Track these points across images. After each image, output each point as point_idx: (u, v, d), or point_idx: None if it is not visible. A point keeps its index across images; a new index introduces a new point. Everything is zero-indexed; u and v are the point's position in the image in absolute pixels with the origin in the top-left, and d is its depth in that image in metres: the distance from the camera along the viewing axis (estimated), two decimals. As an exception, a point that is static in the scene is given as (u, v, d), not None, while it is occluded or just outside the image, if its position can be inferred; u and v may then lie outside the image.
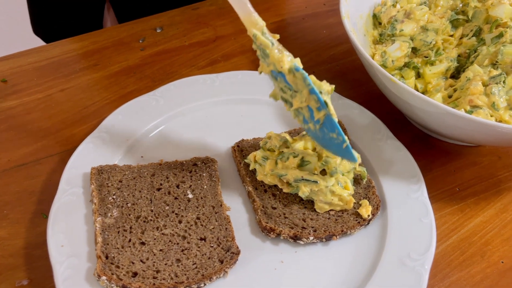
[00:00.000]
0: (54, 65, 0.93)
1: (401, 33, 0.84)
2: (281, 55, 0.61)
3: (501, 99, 0.70)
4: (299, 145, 0.70)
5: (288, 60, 0.61)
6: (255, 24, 0.61)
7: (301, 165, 0.69)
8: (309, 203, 0.71)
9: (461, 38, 0.84)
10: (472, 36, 0.82)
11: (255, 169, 0.73)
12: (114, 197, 0.68)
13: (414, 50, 0.83)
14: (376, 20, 0.90)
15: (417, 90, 0.79)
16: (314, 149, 0.71)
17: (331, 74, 0.95)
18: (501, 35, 0.76)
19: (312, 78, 0.62)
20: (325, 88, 0.62)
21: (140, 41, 0.99)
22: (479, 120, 0.64)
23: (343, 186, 0.69)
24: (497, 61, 0.74)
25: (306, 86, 0.61)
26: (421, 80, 0.83)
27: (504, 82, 0.71)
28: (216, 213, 0.69)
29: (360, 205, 0.70)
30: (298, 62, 0.62)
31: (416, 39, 0.83)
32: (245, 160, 0.74)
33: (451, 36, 0.84)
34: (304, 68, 0.95)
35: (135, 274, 0.61)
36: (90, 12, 1.16)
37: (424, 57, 0.83)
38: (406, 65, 0.83)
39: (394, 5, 0.88)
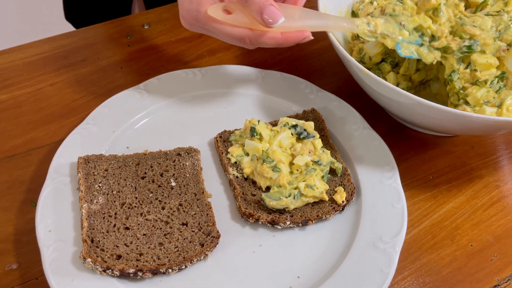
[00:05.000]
0: (43, 61, 0.96)
1: (377, 29, 0.87)
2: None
3: (469, 90, 0.73)
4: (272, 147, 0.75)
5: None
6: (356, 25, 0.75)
7: (273, 170, 0.72)
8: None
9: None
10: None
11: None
12: (100, 185, 0.71)
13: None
14: (354, 16, 0.93)
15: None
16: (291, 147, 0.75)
17: (313, 68, 0.98)
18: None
19: None
20: None
21: (128, 37, 1.02)
22: (446, 109, 0.67)
23: (313, 189, 0.71)
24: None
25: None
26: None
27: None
28: (198, 199, 0.72)
29: (335, 191, 0.73)
30: None
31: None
32: (228, 156, 0.78)
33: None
34: (286, 62, 0.99)
35: (119, 257, 0.64)
36: None
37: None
38: (384, 60, 0.86)
39: (371, 2, 0.92)
